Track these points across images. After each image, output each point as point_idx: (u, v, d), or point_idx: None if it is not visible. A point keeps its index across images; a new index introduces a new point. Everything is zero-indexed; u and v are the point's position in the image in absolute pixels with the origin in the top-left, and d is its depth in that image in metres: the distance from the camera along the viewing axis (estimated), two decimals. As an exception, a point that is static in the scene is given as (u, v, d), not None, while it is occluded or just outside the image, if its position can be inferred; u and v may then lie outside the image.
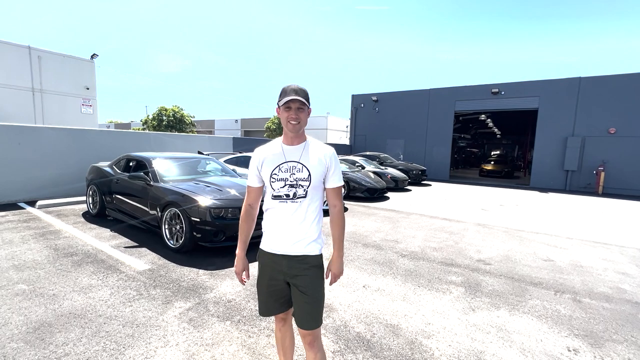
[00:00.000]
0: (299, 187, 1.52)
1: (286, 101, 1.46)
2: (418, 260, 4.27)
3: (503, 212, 7.98)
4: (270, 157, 1.55)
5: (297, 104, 1.47)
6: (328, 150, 1.59)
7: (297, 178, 1.52)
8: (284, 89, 1.51)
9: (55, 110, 14.32)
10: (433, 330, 2.60)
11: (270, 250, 1.58)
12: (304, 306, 1.54)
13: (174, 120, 24.46)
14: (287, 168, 1.53)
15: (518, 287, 3.52)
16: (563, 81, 14.27)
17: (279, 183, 1.52)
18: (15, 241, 4.35)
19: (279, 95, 1.51)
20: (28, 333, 2.33)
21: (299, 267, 1.54)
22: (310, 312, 1.55)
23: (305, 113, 1.51)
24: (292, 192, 1.52)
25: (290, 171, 1.52)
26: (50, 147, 7.35)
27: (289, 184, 1.52)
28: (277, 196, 1.54)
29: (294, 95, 1.45)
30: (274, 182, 1.53)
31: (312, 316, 1.55)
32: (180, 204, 4.09)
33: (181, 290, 3.10)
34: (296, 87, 1.50)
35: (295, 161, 1.53)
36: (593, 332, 2.65)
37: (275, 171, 1.53)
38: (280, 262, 1.55)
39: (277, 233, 1.56)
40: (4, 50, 12.98)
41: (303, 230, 1.54)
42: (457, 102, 16.95)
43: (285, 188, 1.52)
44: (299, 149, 1.55)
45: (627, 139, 13.08)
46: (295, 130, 1.50)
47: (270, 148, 1.59)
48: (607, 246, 5.27)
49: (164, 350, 2.21)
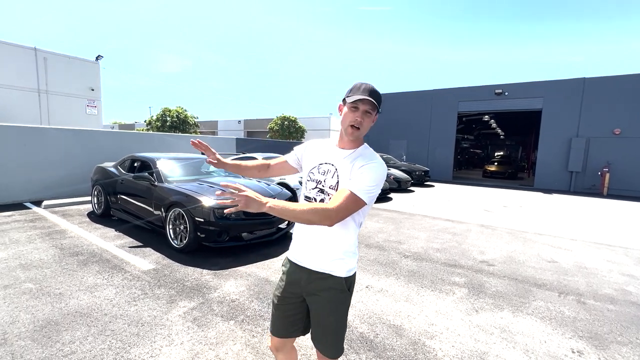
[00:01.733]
0: (327, 194, 1.34)
1: (355, 100, 1.25)
2: (421, 261, 4.26)
3: (507, 213, 7.94)
4: (317, 152, 1.41)
5: (366, 106, 1.26)
6: (374, 164, 1.28)
7: (328, 184, 1.34)
8: (356, 85, 1.30)
9: (60, 111, 14.46)
10: (436, 331, 2.60)
11: (294, 259, 1.43)
12: (325, 332, 1.40)
13: (178, 121, 24.59)
14: (324, 170, 1.36)
15: (522, 288, 3.51)
16: (567, 82, 14.19)
17: (311, 184, 1.38)
18: (22, 241, 4.40)
19: (349, 90, 1.31)
20: (35, 331, 2.36)
21: (318, 286, 1.36)
22: (333, 340, 1.40)
23: (370, 119, 1.29)
24: (320, 197, 1.35)
25: (325, 174, 1.35)
26: (55, 147, 7.42)
27: (319, 188, 1.36)
28: (307, 197, 1.39)
29: (366, 94, 1.24)
30: (308, 181, 1.39)
31: (334, 344, 1.40)
32: (184, 204, 4.11)
33: (185, 290, 3.12)
34: (371, 87, 1.28)
35: (332, 164, 1.35)
36: (597, 334, 2.64)
37: (313, 170, 1.39)
38: (301, 274, 1.40)
39: (303, 242, 1.40)
40: (11, 52, 13.15)
41: (328, 245, 1.34)
42: (460, 102, 16.91)
43: (315, 191, 1.36)
44: (346, 154, 1.34)
45: (632, 140, 12.97)
46: (353, 136, 1.30)
47: (322, 143, 1.45)
48: (612, 248, 5.23)
49: (168, 349, 2.23)
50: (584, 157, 13.78)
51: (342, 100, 1.34)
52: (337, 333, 1.40)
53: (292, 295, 1.44)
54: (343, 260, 1.35)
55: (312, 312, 1.42)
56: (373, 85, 1.28)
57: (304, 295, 1.42)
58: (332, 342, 1.40)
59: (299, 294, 1.42)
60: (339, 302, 1.38)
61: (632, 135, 12.97)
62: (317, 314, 1.40)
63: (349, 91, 1.31)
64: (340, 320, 1.41)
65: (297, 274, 1.42)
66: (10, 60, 13.07)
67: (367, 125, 1.29)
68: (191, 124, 25.52)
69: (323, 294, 1.36)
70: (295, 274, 1.42)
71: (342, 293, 1.37)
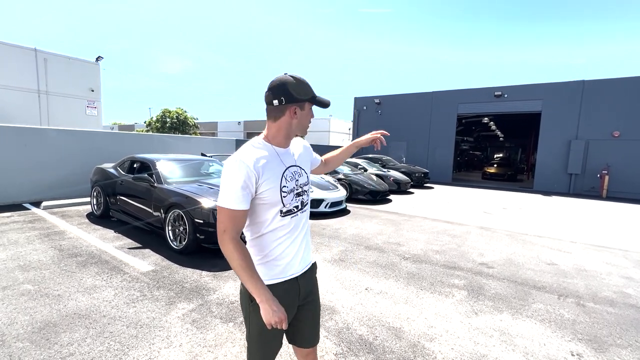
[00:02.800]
0: (304, 193, 1.33)
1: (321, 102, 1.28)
2: (420, 263, 4.26)
3: (506, 216, 7.94)
4: (270, 165, 1.20)
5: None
6: (299, 141, 1.45)
7: (301, 184, 1.32)
8: (305, 81, 1.22)
9: (60, 112, 14.46)
10: (435, 333, 2.60)
11: (282, 279, 1.28)
12: (314, 322, 1.40)
13: (178, 122, 24.60)
14: (291, 175, 1.28)
15: (521, 290, 3.50)
16: (566, 84, 14.22)
17: (290, 195, 1.25)
18: (21, 242, 4.39)
19: (303, 89, 1.21)
20: (33, 333, 2.35)
21: (310, 282, 1.39)
22: (318, 325, 1.44)
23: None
24: (299, 201, 1.30)
25: (294, 178, 1.29)
26: (55, 148, 7.42)
27: (296, 193, 1.28)
28: (288, 211, 1.26)
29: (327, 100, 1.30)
30: (285, 196, 1.23)
31: (319, 329, 1.45)
32: (184, 205, 4.11)
33: (184, 292, 3.11)
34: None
35: (293, 165, 1.31)
36: (597, 337, 2.64)
37: (283, 182, 1.23)
38: (296, 287, 1.31)
39: (291, 254, 1.29)
40: (11, 52, 13.15)
41: (308, 237, 1.39)
42: (460, 104, 16.93)
43: (295, 199, 1.28)
44: (289, 151, 1.33)
45: (631, 143, 12.99)
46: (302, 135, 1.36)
47: (261, 153, 1.20)
48: (611, 250, 5.23)
49: (167, 351, 2.22)
50: (583, 160, 13.79)
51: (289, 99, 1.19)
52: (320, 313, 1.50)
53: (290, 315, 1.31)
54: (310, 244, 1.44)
55: (308, 308, 1.37)
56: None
57: (301, 303, 1.35)
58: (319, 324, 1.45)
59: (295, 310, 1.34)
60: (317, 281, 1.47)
61: (631, 137, 12.99)
62: (316, 304, 1.42)
63: (302, 89, 1.21)
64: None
65: (292, 290, 1.30)
66: (10, 61, 13.08)
67: None
68: (191, 125, 25.54)
69: (315, 284, 1.42)
70: (290, 292, 1.29)
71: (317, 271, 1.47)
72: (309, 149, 1.50)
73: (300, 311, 1.36)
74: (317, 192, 6.96)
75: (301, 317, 1.36)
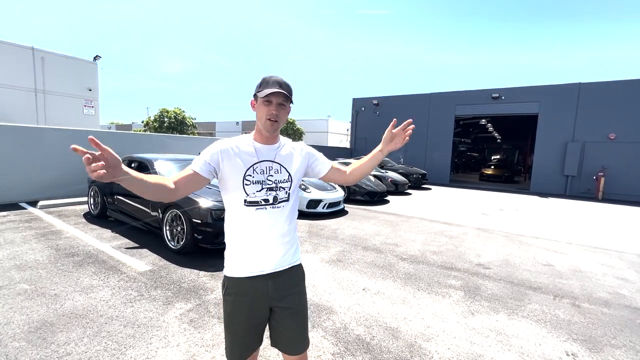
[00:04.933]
0: (280, 189, 1.32)
1: (267, 94, 1.23)
2: (418, 263, 4.28)
3: (503, 217, 7.99)
4: (238, 154, 1.28)
5: (279, 99, 1.25)
6: (300, 144, 1.45)
7: (277, 180, 1.32)
8: (264, 79, 1.27)
9: (57, 111, 14.39)
10: (432, 333, 2.61)
11: (251, 273, 1.30)
12: (297, 329, 1.36)
13: (176, 122, 24.54)
14: (263, 169, 1.30)
15: (517, 291, 3.53)
16: (563, 87, 14.34)
17: (254, 186, 1.28)
18: (17, 241, 4.37)
19: (258, 85, 1.28)
20: (30, 332, 2.34)
21: (287, 285, 1.35)
22: (303, 332, 1.38)
23: (285, 111, 1.30)
24: (271, 196, 1.30)
25: (266, 172, 1.30)
26: (52, 148, 7.38)
27: (267, 188, 1.29)
28: (252, 202, 1.27)
29: (277, 87, 1.23)
30: (248, 185, 1.27)
31: (304, 336, 1.39)
32: (182, 205, 4.11)
33: (182, 292, 3.11)
34: (280, 79, 1.27)
35: (271, 161, 1.32)
36: (592, 337, 2.66)
37: (249, 172, 1.27)
38: (264, 285, 1.31)
39: (258, 249, 1.30)
40: (8, 51, 13.08)
41: (288, 238, 1.35)
42: (457, 106, 17.02)
43: (263, 192, 1.29)
44: (273, 148, 1.35)
45: (627, 145, 13.11)
46: (272, 130, 1.28)
47: (237, 143, 1.31)
48: (607, 251, 5.28)
49: (164, 350, 2.22)
50: (579, 162, 13.90)
51: (253, 96, 1.31)
52: (307, 319, 1.43)
53: (259, 311, 1.32)
54: (298, 246, 1.42)
55: (286, 313, 1.34)
56: (282, 78, 1.28)
57: (272, 305, 1.33)
58: (307, 332, 1.41)
59: (266, 307, 1.33)
60: (305, 290, 1.43)
61: (627, 140, 13.11)
62: (296, 311, 1.36)
63: (259, 86, 1.28)
64: (307, 307, 1.43)
65: (260, 288, 1.31)
66: (7, 60, 13.01)
67: (283, 118, 1.29)
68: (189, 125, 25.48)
69: (296, 289, 1.38)
70: (257, 289, 1.30)
71: (304, 279, 1.44)
72: (309, 155, 1.47)
73: (279, 314, 1.34)
74: (315, 193, 6.97)
75: (281, 322, 1.34)
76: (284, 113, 1.29)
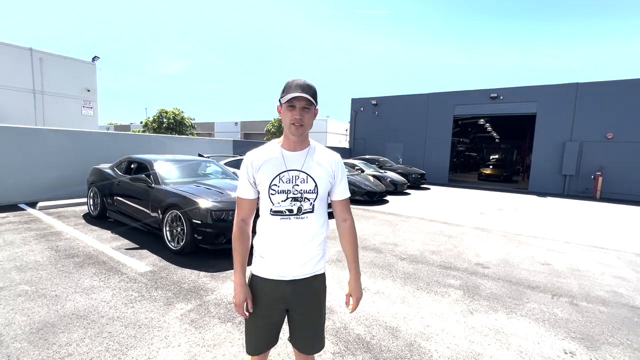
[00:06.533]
0: (305, 200, 1.30)
1: (289, 99, 1.23)
2: (417, 263, 4.30)
3: (501, 216, 8.02)
4: (268, 163, 1.30)
5: (302, 103, 1.24)
6: (334, 156, 1.38)
7: (302, 190, 1.30)
8: (288, 83, 1.27)
9: (56, 112, 14.37)
10: (432, 332, 2.63)
11: (272, 277, 1.34)
12: (312, 331, 1.42)
13: (174, 122, 24.52)
14: (289, 178, 1.29)
15: (516, 290, 3.55)
16: (561, 86, 14.39)
17: (279, 196, 1.29)
18: (17, 242, 4.37)
19: (282, 90, 1.28)
20: (31, 333, 2.35)
21: (306, 291, 1.37)
22: (320, 334, 1.44)
23: (311, 114, 1.28)
24: (295, 206, 1.30)
25: (292, 182, 1.30)
26: (51, 148, 7.38)
27: (291, 197, 1.29)
28: (277, 212, 1.30)
29: (300, 91, 1.22)
30: (273, 194, 1.29)
31: (320, 338, 1.45)
32: (182, 206, 4.12)
33: (182, 292, 3.12)
34: (303, 82, 1.26)
35: (298, 170, 1.31)
36: (589, 335, 2.69)
37: (275, 181, 1.29)
38: (284, 288, 1.35)
39: (281, 256, 1.33)
40: (6, 51, 13.06)
41: (311, 250, 1.35)
42: (456, 106, 17.06)
43: (288, 202, 1.29)
44: (301, 155, 1.32)
45: (624, 145, 13.17)
46: (298, 134, 1.28)
47: (266, 152, 1.33)
48: (605, 250, 5.31)
49: (166, 351, 2.23)
50: (577, 161, 13.96)
51: (278, 101, 1.31)
52: (323, 324, 1.47)
53: (276, 311, 1.38)
54: (323, 258, 1.42)
55: (302, 316, 1.39)
56: (306, 80, 1.27)
57: (288, 307, 1.38)
58: (322, 335, 1.46)
59: (283, 308, 1.39)
60: (324, 298, 1.46)
61: (624, 139, 13.17)
62: (313, 316, 1.41)
63: (283, 91, 1.28)
64: (324, 312, 1.48)
65: (279, 291, 1.35)
66: (5, 61, 12.99)
67: (308, 121, 1.28)
68: (188, 126, 25.46)
69: (314, 295, 1.41)
70: (277, 291, 1.35)
71: (325, 287, 1.47)
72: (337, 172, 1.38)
73: (297, 316, 1.40)
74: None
75: (298, 324, 1.41)
76: (309, 116, 1.28)
